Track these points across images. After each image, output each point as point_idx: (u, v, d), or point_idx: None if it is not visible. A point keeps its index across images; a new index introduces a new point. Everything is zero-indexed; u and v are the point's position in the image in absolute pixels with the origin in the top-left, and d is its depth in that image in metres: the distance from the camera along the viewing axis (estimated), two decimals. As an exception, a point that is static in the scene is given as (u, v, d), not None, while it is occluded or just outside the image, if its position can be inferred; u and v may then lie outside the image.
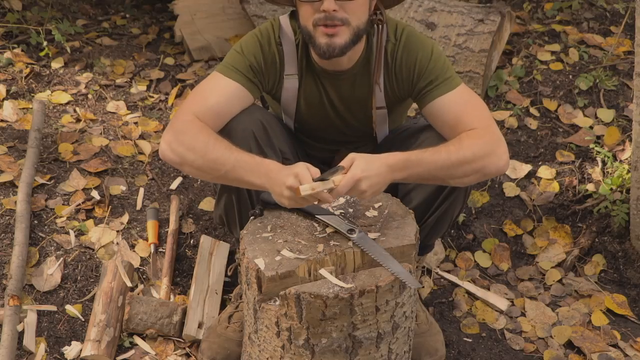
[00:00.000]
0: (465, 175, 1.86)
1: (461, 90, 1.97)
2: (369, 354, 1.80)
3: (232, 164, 1.79)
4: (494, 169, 1.87)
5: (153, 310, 2.27)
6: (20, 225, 2.50)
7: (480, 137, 1.86)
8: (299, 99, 2.11)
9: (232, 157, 1.79)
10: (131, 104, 3.41)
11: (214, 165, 1.81)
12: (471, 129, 1.88)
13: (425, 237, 2.25)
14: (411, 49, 1.98)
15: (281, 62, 2.02)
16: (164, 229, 2.68)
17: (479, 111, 1.93)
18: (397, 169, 1.77)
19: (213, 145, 1.82)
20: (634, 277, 2.63)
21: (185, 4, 3.88)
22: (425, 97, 1.97)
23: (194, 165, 1.84)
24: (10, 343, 2.14)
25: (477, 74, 3.29)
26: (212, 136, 1.85)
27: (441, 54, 2.00)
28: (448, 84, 1.95)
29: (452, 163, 1.81)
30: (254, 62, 1.98)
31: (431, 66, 1.96)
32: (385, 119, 2.16)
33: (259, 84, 2.01)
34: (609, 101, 3.32)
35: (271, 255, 1.75)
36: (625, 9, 3.86)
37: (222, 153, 1.81)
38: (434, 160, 1.80)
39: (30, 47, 3.73)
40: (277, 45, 2.00)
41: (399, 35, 1.99)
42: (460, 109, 1.92)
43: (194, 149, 1.83)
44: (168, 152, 1.87)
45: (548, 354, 2.35)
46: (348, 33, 1.88)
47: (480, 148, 1.83)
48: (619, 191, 2.78)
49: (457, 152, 1.81)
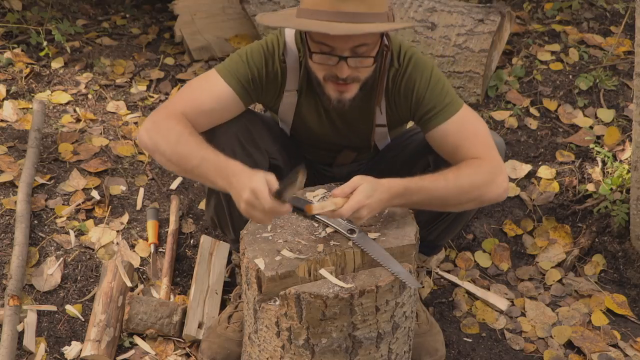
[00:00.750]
0: (461, 203, 1.89)
1: (462, 115, 1.94)
2: (369, 354, 1.80)
3: (199, 160, 1.77)
4: (492, 197, 1.89)
5: (153, 310, 2.27)
6: (20, 225, 2.50)
7: (479, 166, 1.86)
8: (297, 114, 2.09)
9: (200, 154, 1.77)
10: (131, 104, 3.41)
11: (182, 159, 1.80)
12: (472, 157, 1.88)
13: (437, 237, 2.26)
14: (410, 76, 1.96)
15: (283, 78, 2.00)
16: (164, 229, 2.68)
17: (480, 138, 1.92)
18: (397, 195, 1.78)
19: (186, 138, 1.80)
20: (634, 277, 2.63)
21: (185, 4, 3.88)
22: (426, 124, 1.97)
23: (164, 155, 1.83)
24: (10, 343, 2.14)
25: (477, 74, 3.29)
26: (187, 130, 1.83)
27: (439, 80, 1.96)
28: (447, 111, 1.93)
29: (450, 192, 1.83)
30: (256, 74, 1.95)
31: (428, 95, 1.94)
32: (386, 135, 2.15)
33: (254, 95, 1.99)
34: (609, 101, 3.32)
35: (271, 255, 1.75)
36: (625, 9, 3.86)
37: (191, 148, 1.79)
38: (432, 189, 1.82)
39: (30, 47, 3.74)
40: (281, 62, 1.97)
41: (402, 60, 1.97)
42: (460, 137, 1.92)
43: (166, 138, 1.82)
44: (145, 138, 1.87)
45: (548, 354, 2.35)
46: (358, 87, 1.88)
47: (479, 177, 1.85)
48: (619, 191, 2.78)
49: (455, 180, 1.83)
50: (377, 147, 2.22)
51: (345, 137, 2.15)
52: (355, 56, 1.80)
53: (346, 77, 1.83)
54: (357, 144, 2.18)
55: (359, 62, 1.82)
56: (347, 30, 1.70)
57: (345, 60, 1.80)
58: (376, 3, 1.75)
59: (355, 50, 1.79)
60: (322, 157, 2.28)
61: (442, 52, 3.31)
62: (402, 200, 1.80)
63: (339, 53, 1.79)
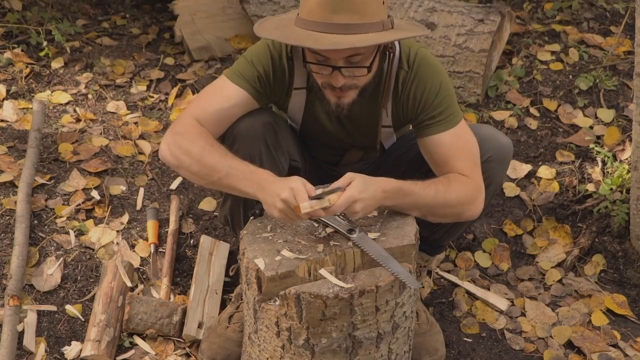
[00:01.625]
0: (444, 216, 1.94)
1: (458, 130, 1.96)
2: (369, 354, 1.80)
3: (226, 170, 1.79)
4: (470, 215, 1.95)
5: (153, 310, 2.27)
6: (20, 225, 2.50)
7: (466, 184, 1.91)
8: (306, 112, 2.10)
9: (226, 164, 1.80)
10: (131, 104, 3.41)
11: (208, 171, 1.82)
12: (459, 172, 1.92)
13: (441, 237, 2.26)
14: (420, 80, 1.96)
15: (290, 76, 2.00)
16: (164, 229, 2.68)
17: (469, 157, 1.96)
18: (390, 195, 1.80)
19: (209, 151, 1.83)
20: (634, 277, 2.63)
21: (185, 4, 3.88)
22: (423, 130, 1.98)
23: (189, 169, 1.86)
24: (10, 343, 2.14)
25: (477, 74, 3.29)
26: (209, 142, 1.85)
27: (449, 88, 1.98)
28: (448, 121, 1.95)
29: (438, 202, 1.87)
30: (262, 73, 1.96)
31: (437, 101, 1.95)
32: (392, 134, 2.16)
33: (265, 94, 1.99)
34: (609, 101, 3.32)
35: (271, 255, 1.75)
36: (625, 9, 3.86)
37: (217, 159, 1.81)
38: (423, 195, 1.85)
39: (30, 47, 3.74)
40: (288, 59, 1.97)
41: (412, 63, 1.96)
42: (452, 151, 1.94)
43: (190, 154, 1.84)
44: (167, 155, 1.89)
45: (548, 354, 2.35)
46: (356, 92, 1.89)
47: (465, 195, 1.90)
48: (619, 191, 2.78)
49: (444, 193, 1.86)
50: (384, 146, 2.22)
51: (353, 137, 2.15)
52: (349, 66, 1.80)
53: (341, 86, 1.83)
54: (364, 144, 2.19)
55: (353, 71, 1.82)
56: (333, 45, 1.69)
57: (340, 70, 1.80)
58: (370, 13, 1.73)
59: (349, 60, 1.79)
60: (329, 156, 2.28)
61: (442, 52, 3.31)
62: (394, 200, 1.82)
63: (332, 63, 1.79)
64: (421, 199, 1.84)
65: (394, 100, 2.02)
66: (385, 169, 2.02)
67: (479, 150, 2.00)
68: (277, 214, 1.72)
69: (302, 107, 2.08)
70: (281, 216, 1.72)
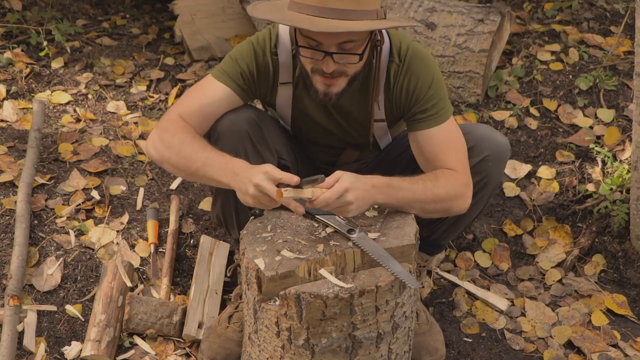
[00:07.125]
0: (434, 212, 1.94)
1: (448, 125, 1.97)
2: (369, 354, 1.80)
3: (203, 161, 1.82)
4: (458, 210, 1.95)
5: (153, 310, 2.27)
6: (20, 225, 2.50)
7: (455, 179, 1.92)
8: (295, 108, 2.10)
9: (204, 155, 1.82)
10: (131, 104, 3.41)
11: (186, 162, 1.85)
12: (447, 168, 1.93)
13: (440, 237, 2.26)
14: (413, 73, 1.96)
15: (275, 71, 2.01)
16: (164, 229, 2.68)
17: (458, 153, 1.97)
18: (380, 190, 1.81)
19: (189, 143, 1.85)
20: (634, 277, 2.63)
21: (185, 4, 3.88)
22: (414, 124, 1.99)
23: (170, 162, 1.89)
24: (10, 343, 2.14)
25: (477, 74, 3.29)
26: (190, 135, 1.88)
27: (441, 82, 1.99)
28: (439, 116, 1.96)
29: (427, 197, 1.87)
30: (246, 70, 1.97)
31: (430, 94, 1.96)
32: (386, 130, 2.16)
33: (249, 90, 2.01)
34: (609, 101, 3.32)
35: (271, 255, 1.75)
36: (625, 9, 3.86)
37: (194, 151, 1.84)
38: (412, 190, 1.86)
39: (30, 47, 3.74)
40: (272, 55, 1.98)
41: (404, 56, 1.97)
42: (442, 147, 1.95)
43: (170, 146, 1.87)
44: (151, 150, 1.93)
45: (548, 354, 2.35)
46: (345, 81, 1.89)
47: (453, 189, 1.90)
48: (619, 191, 2.78)
49: (433, 188, 1.87)
50: (380, 146, 2.22)
51: (345, 132, 2.15)
52: (341, 52, 1.81)
53: (332, 72, 1.83)
54: (358, 141, 2.18)
55: (345, 58, 1.82)
56: (330, 28, 1.70)
57: (331, 56, 1.80)
58: (365, 0, 1.75)
59: (342, 46, 1.80)
60: (324, 155, 2.28)
61: (442, 52, 3.31)
62: (386, 196, 1.82)
63: (325, 48, 1.80)
64: (411, 194, 1.85)
65: (386, 94, 2.02)
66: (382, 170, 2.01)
67: (476, 149, 2.01)
68: (250, 201, 1.72)
69: (289, 102, 2.08)
70: (255, 202, 1.71)
